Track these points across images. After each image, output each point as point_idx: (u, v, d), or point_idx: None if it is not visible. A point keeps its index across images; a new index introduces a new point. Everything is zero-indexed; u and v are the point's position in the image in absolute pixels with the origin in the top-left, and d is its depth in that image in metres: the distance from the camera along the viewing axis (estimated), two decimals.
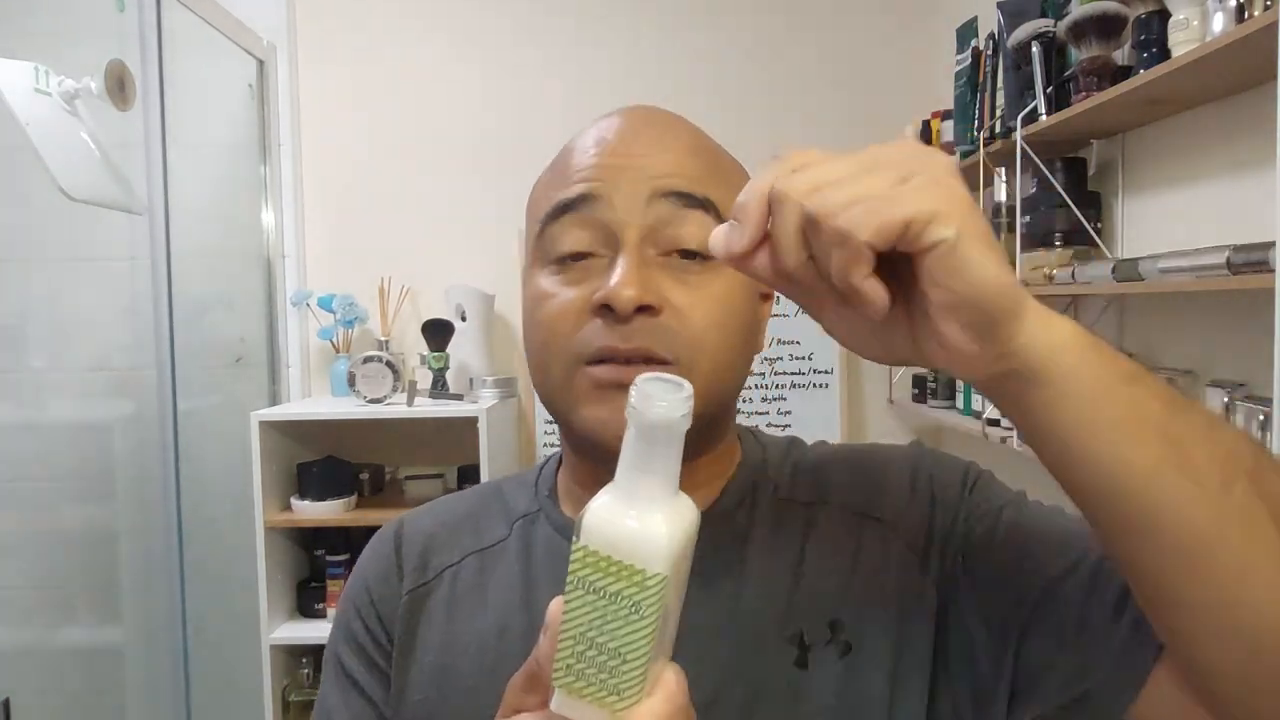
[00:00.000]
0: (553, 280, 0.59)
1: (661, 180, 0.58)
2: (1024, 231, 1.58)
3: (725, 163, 0.63)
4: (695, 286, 0.58)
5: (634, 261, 0.57)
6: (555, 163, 0.63)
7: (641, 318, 0.56)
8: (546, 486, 0.70)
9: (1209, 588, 0.44)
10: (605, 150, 0.59)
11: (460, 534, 0.70)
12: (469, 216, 2.48)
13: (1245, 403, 1.18)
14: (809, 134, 2.48)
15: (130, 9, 1.85)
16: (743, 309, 0.61)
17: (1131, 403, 0.44)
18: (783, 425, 2.47)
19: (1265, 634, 0.44)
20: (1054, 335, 0.44)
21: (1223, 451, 0.44)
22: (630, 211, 0.57)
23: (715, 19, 2.50)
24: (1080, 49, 1.40)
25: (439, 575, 0.68)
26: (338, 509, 2.20)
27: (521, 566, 0.66)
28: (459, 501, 0.74)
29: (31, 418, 2.22)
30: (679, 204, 0.58)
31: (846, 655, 0.58)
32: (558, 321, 0.58)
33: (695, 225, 0.58)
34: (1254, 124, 1.21)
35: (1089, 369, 0.44)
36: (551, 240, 0.59)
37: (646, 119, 0.62)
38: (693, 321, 0.57)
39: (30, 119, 1.59)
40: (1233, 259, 1.06)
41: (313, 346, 2.56)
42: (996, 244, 0.43)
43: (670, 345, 0.57)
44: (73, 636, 2.21)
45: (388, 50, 2.52)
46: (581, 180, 0.59)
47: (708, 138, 0.64)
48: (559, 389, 0.59)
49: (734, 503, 0.65)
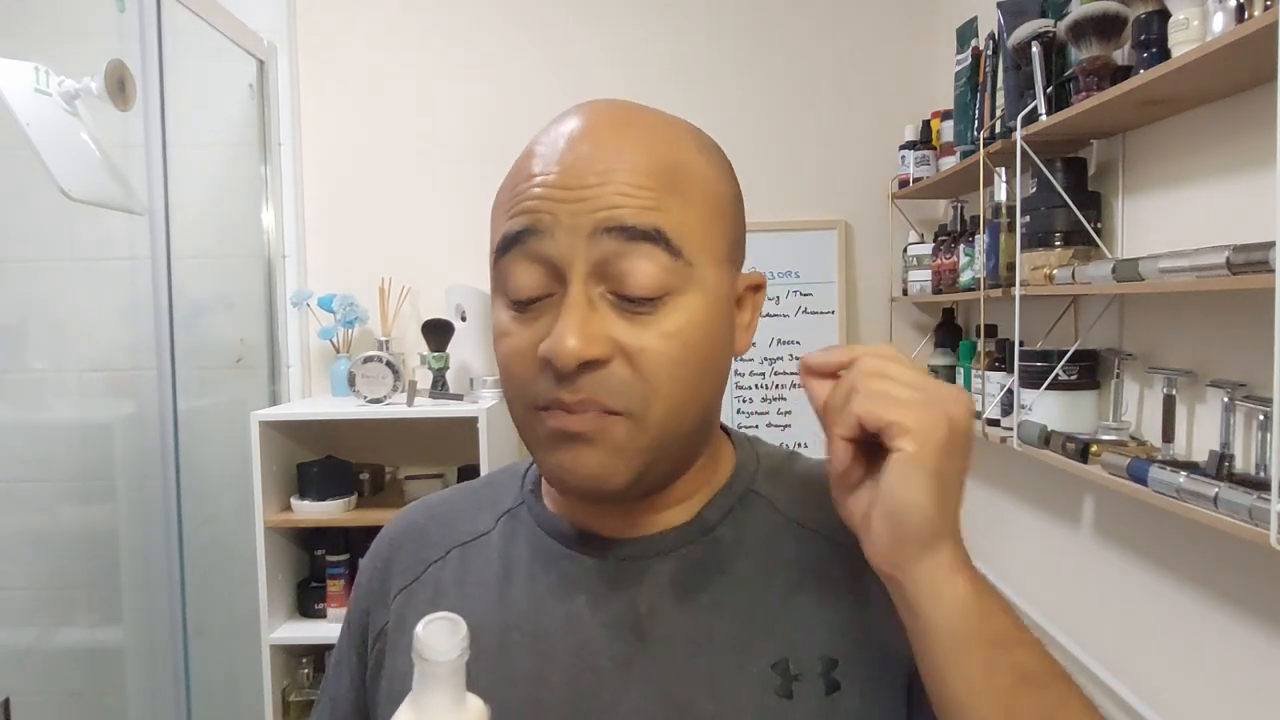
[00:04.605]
0: (509, 317, 0.59)
1: (604, 214, 0.55)
2: (1024, 231, 1.58)
3: (684, 173, 0.58)
4: (646, 325, 0.55)
5: (579, 309, 0.54)
6: (512, 173, 0.61)
7: (588, 370, 0.55)
8: (532, 482, 0.70)
9: None
10: (550, 178, 0.56)
11: (448, 527, 0.70)
12: (469, 216, 2.48)
13: (1245, 403, 1.18)
14: (809, 134, 2.49)
15: (130, 9, 1.85)
16: (704, 337, 0.58)
17: (986, 668, 0.50)
18: (783, 425, 2.47)
19: None
20: (946, 588, 0.51)
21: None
22: (573, 249, 0.55)
23: (716, 20, 2.50)
24: (1080, 49, 1.40)
25: (426, 570, 0.69)
26: (338, 509, 2.20)
27: (501, 563, 0.66)
28: (453, 494, 0.75)
29: (31, 418, 2.22)
30: (623, 238, 0.55)
31: (834, 693, 0.58)
32: (513, 364, 0.58)
33: (643, 259, 0.55)
34: (1254, 124, 1.21)
35: (962, 628, 0.50)
36: (504, 275, 0.58)
37: (599, 131, 0.58)
38: (644, 367, 0.55)
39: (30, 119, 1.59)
40: (1233, 259, 1.06)
41: (313, 346, 2.56)
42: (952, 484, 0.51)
43: (619, 396, 0.55)
44: (73, 636, 2.22)
45: (388, 50, 2.52)
46: (525, 211, 0.57)
47: (670, 138, 0.59)
48: (522, 427, 0.60)
49: (719, 515, 0.64)
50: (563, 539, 0.65)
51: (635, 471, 0.57)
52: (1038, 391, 1.57)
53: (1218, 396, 1.22)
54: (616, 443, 0.56)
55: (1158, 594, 1.44)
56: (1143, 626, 1.48)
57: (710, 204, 0.59)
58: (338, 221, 2.54)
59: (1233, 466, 1.17)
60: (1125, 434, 1.46)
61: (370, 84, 2.52)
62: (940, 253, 2.09)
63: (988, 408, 1.79)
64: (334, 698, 0.72)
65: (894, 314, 2.50)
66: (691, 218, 0.57)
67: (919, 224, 2.44)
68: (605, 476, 0.57)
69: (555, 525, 0.66)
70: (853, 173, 2.49)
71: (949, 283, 2.03)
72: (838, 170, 2.50)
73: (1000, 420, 1.74)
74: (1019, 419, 1.61)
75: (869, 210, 2.49)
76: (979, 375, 1.86)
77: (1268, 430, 1.12)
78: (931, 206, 2.46)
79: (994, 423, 1.76)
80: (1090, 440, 1.42)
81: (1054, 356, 1.56)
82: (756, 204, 1.62)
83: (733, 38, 2.50)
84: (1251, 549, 1.11)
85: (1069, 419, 1.54)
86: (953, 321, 2.28)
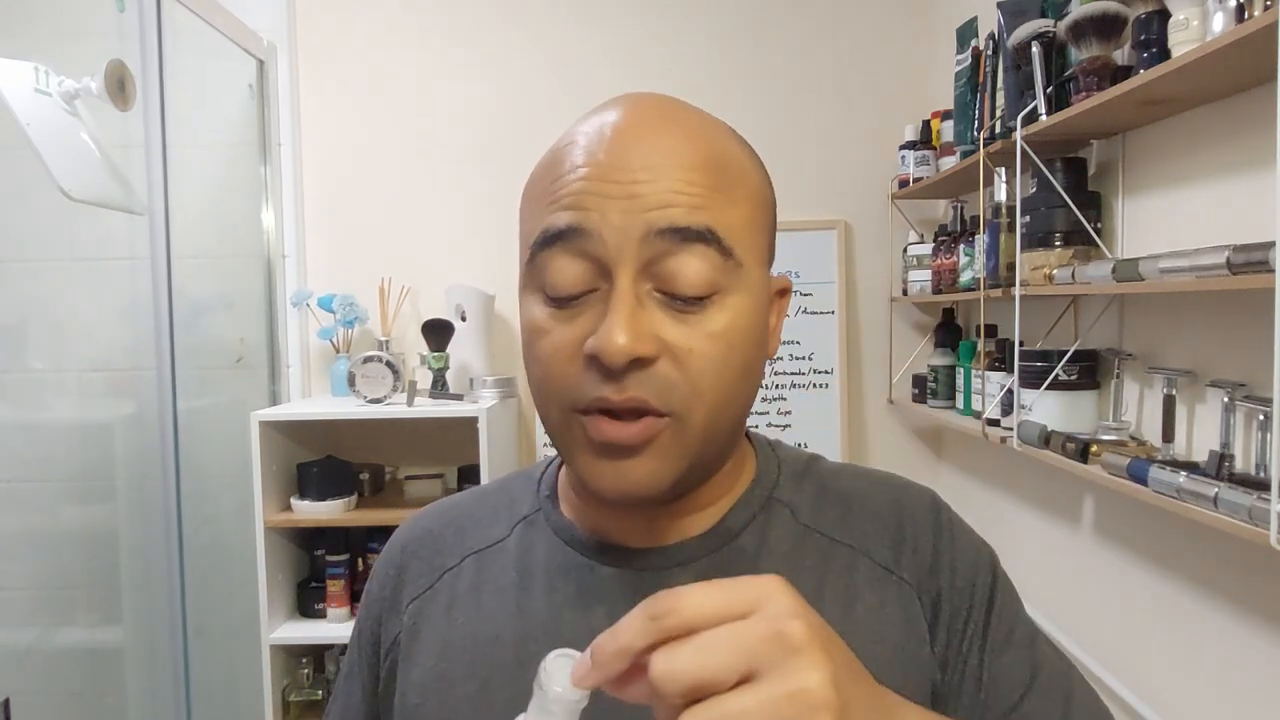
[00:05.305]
0: (546, 314, 0.56)
1: (657, 213, 0.53)
2: (1024, 231, 1.58)
3: (729, 168, 0.57)
4: (694, 325, 0.54)
5: (627, 305, 0.53)
6: (548, 161, 0.58)
7: (635, 369, 0.53)
8: (548, 487, 0.68)
9: None
10: (595, 170, 0.54)
11: (463, 534, 0.69)
12: (469, 216, 2.49)
13: (1245, 403, 1.18)
14: (809, 134, 2.49)
15: (130, 9, 1.85)
16: (748, 338, 0.57)
17: None
18: (783, 425, 2.47)
19: None
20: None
21: None
22: (623, 249, 0.53)
23: (716, 20, 2.50)
24: (1080, 49, 1.40)
25: (440, 578, 0.67)
26: (338, 509, 2.20)
27: (518, 571, 0.65)
28: (467, 499, 0.73)
29: (31, 418, 2.22)
30: (676, 239, 0.53)
31: None
32: (552, 363, 0.56)
33: (695, 258, 0.54)
34: (1254, 124, 1.21)
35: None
36: (542, 270, 0.56)
37: (644, 123, 0.56)
38: (690, 367, 0.54)
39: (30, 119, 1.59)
40: (1233, 259, 1.05)
41: (313, 346, 2.56)
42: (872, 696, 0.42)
43: (665, 398, 0.54)
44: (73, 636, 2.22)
45: (388, 50, 2.52)
46: (569, 206, 0.54)
47: (711, 132, 0.58)
48: (558, 432, 0.58)
49: (741, 523, 0.63)
50: (581, 548, 0.63)
51: (678, 476, 0.56)
52: (1038, 391, 1.57)
53: (1218, 396, 1.22)
54: (663, 448, 0.55)
55: (1158, 594, 1.44)
56: (1143, 626, 1.48)
57: (754, 201, 0.59)
58: (337, 221, 2.54)
59: (1233, 466, 1.17)
60: (1125, 434, 1.46)
61: (370, 84, 2.52)
62: (940, 253, 2.09)
63: (988, 408, 1.79)
64: (345, 708, 0.71)
65: (894, 314, 2.50)
66: (739, 216, 0.57)
67: (919, 224, 2.44)
68: (651, 485, 0.55)
69: (573, 534, 0.64)
70: (853, 173, 2.49)
71: (949, 283, 2.03)
72: (838, 170, 2.50)
73: (1000, 420, 1.74)
74: (1019, 419, 1.61)
75: (869, 210, 2.49)
76: (979, 375, 1.86)
77: (1268, 430, 1.12)
78: (931, 206, 2.46)
79: (994, 423, 1.76)
80: (1090, 440, 1.42)
81: (1054, 356, 1.56)
82: None
83: (733, 38, 2.50)
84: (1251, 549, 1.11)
85: (1069, 419, 1.54)
86: (953, 321, 2.28)
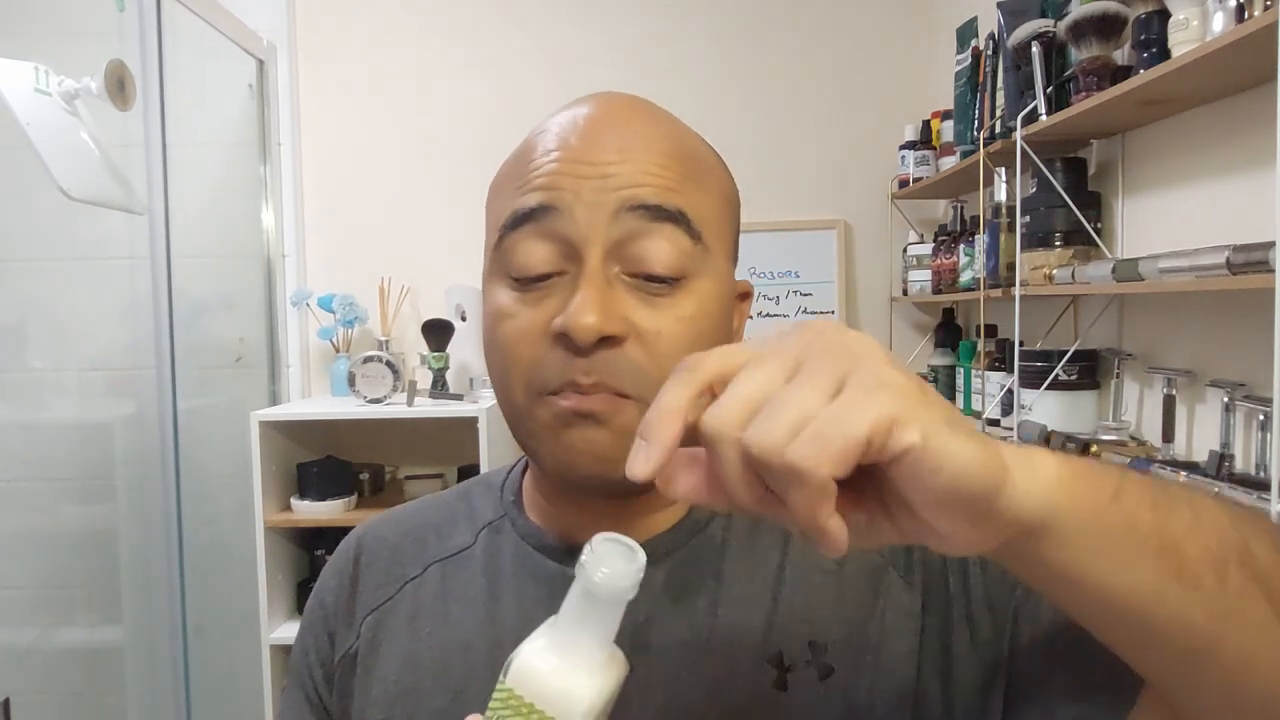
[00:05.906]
0: (512, 298, 0.56)
1: (627, 191, 0.53)
2: (1024, 231, 1.58)
3: (700, 162, 0.58)
4: (662, 308, 0.54)
5: (596, 285, 0.53)
6: (518, 152, 0.59)
7: (603, 348, 0.53)
8: (512, 492, 0.67)
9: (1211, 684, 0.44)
10: (568, 153, 0.55)
11: (424, 543, 0.67)
12: (469, 216, 2.47)
13: (1245, 403, 1.18)
14: (809, 134, 2.49)
15: (130, 9, 1.85)
16: (715, 327, 0.57)
17: (1125, 523, 0.41)
18: None
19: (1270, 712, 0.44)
20: (1040, 483, 0.40)
21: (1213, 540, 0.42)
22: (593, 227, 0.53)
23: (716, 20, 2.50)
24: (1080, 49, 1.40)
25: (401, 589, 0.65)
26: (338, 509, 2.20)
27: (486, 578, 0.63)
28: (424, 507, 0.71)
29: (31, 418, 2.22)
30: (646, 217, 0.53)
31: (828, 678, 0.56)
32: (516, 346, 0.55)
33: (665, 240, 0.54)
34: (1254, 124, 1.21)
35: (1080, 503, 0.41)
36: (509, 253, 0.56)
37: (616, 114, 0.58)
38: (657, 350, 0.54)
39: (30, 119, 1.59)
40: (1233, 259, 1.06)
41: (313, 346, 2.56)
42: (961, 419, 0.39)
43: (633, 381, 0.53)
44: (73, 636, 2.22)
45: (388, 50, 2.52)
46: (540, 188, 0.54)
47: (682, 130, 0.60)
48: (521, 417, 0.57)
49: (708, 512, 0.62)
50: (550, 552, 0.62)
51: None
52: (1038, 391, 1.57)
53: (1218, 396, 1.22)
54: (626, 426, 0.54)
55: None
56: None
57: (723, 196, 0.60)
58: (337, 221, 2.54)
59: (1233, 466, 1.17)
60: (1125, 434, 1.46)
61: (370, 84, 2.52)
62: (940, 253, 2.09)
63: (988, 408, 1.79)
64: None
65: (894, 314, 2.50)
66: (708, 204, 0.57)
67: (919, 224, 2.44)
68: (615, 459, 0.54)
69: (540, 538, 0.63)
70: (852, 173, 2.49)
71: (949, 283, 2.03)
72: (837, 170, 2.50)
73: (1000, 420, 1.74)
74: (1019, 419, 1.61)
75: (869, 210, 2.49)
76: (979, 375, 1.86)
77: (1268, 430, 1.12)
78: (931, 206, 2.46)
79: (994, 423, 1.76)
80: (1090, 440, 1.42)
81: (1054, 356, 1.57)
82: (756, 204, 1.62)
83: (733, 38, 2.50)
84: None
85: (1069, 419, 1.54)
86: (953, 322, 2.28)
